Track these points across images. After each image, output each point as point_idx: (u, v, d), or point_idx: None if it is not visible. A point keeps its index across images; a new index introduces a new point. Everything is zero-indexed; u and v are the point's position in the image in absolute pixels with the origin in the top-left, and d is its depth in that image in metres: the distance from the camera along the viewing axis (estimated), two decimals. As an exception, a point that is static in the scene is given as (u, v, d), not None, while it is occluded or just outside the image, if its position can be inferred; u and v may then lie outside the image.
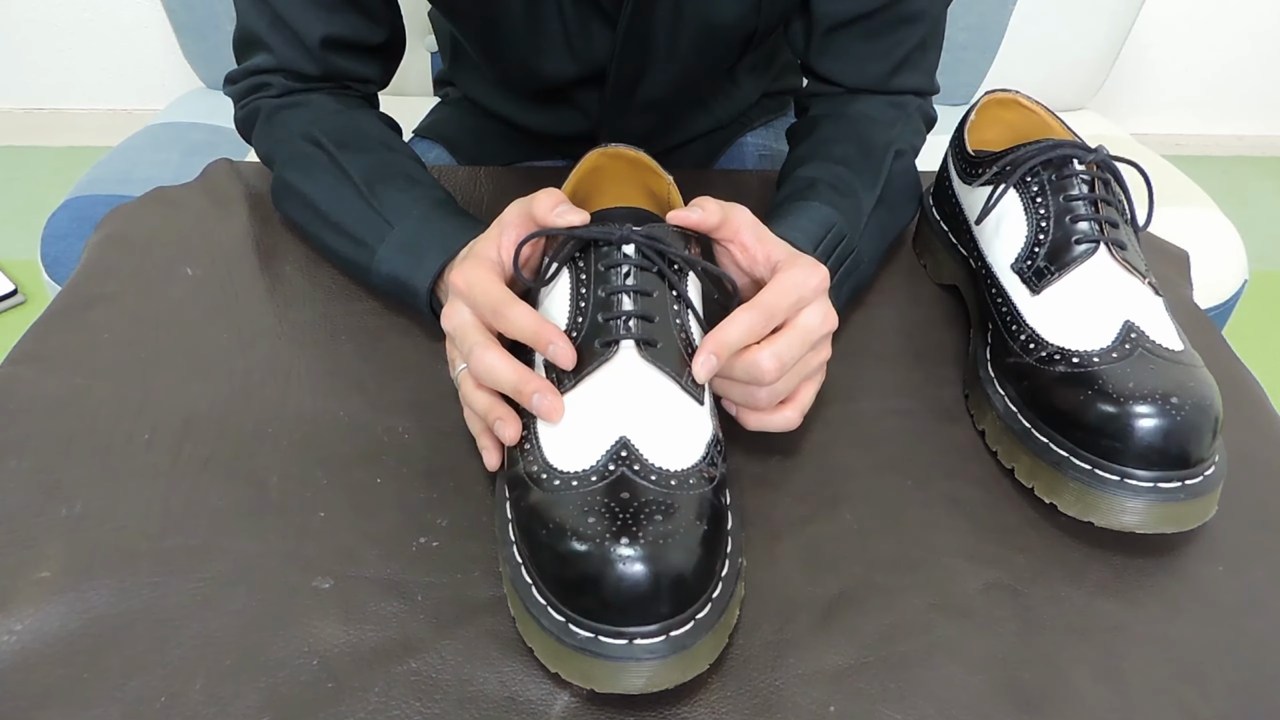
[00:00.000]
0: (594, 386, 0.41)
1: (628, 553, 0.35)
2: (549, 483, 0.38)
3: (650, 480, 0.37)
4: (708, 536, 0.37)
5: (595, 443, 0.39)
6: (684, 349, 0.42)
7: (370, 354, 0.53)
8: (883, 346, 0.57)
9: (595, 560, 0.35)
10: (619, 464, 0.38)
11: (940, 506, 0.46)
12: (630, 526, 0.35)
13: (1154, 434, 0.42)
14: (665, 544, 0.35)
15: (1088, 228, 0.49)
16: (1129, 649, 0.40)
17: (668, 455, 0.38)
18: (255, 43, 0.62)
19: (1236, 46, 2.00)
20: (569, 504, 0.37)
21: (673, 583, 0.35)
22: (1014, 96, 0.60)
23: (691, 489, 0.38)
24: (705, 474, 0.39)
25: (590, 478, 0.37)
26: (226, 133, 1.19)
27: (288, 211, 0.61)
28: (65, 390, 0.50)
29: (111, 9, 1.80)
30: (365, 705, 0.36)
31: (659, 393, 0.40)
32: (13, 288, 1.55)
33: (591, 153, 0.50)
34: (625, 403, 0.40)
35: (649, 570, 0.34)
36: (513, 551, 0.39)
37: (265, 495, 0.44)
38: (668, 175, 0.49)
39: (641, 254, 0.43)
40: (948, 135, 0.65)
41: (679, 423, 0.40)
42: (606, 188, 0.53)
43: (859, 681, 0.38)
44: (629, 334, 0.41)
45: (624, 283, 0.42)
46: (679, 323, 0.43)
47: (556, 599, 0.36)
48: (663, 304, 0.42)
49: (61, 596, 0.39)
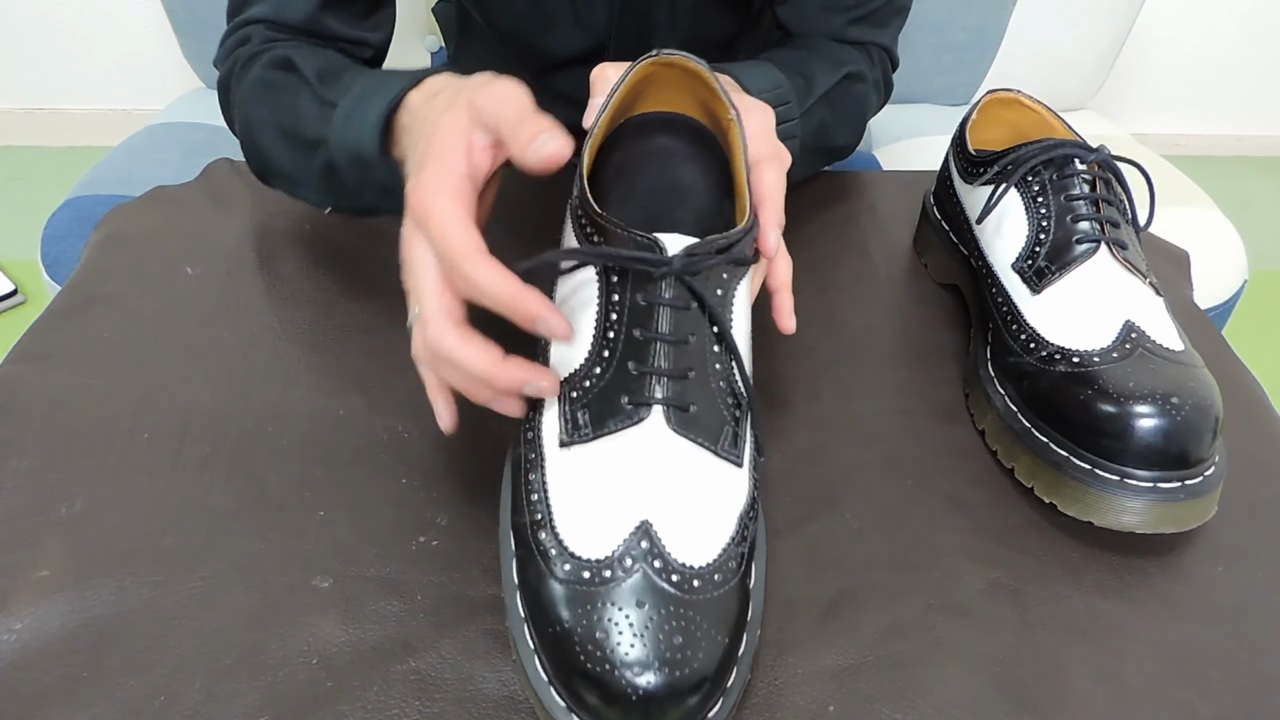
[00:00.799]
0: (616, 450, 0.36)
1: (641, 667, 0.32)
2: (559, 566, 0.34)
3: (671, 582, 0.33)
4: (728, 644, 0.34)
5: (614, 524, 0.35)
6: (723, 402, 0.37)
7: (370, 354, 0.53)
8: (883, 346, 0.56)
9: (606, 674, 0.32)
10: (638, 559, 0.34)
11: (940, 506, 0.46)
12: (645, 646, 0.32)
13: (1154, 434, 0.42)
14: (681, 667, 0.32)
15: (1089, 227, 0.49)
16: (1129, 649, 0.40)
17: (693, 545, 0.35)
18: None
19: (1236, 46, 2.00)
20: (579, 605, 0.33)
21: (689, 690, 0.32)
22: (1015, 96, 0.60)
23: (716, 587, 0.34)
24: (734, 559, 0.35)
25: (603, 572, 0.34)
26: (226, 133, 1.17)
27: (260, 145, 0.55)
28: (65, 389, 0.50)
29: (111, 9, 1.80)
30: (364, 704, 0.36)
31: (689, 467, 0.36)
32: (13, 288, 1.55)
33: (643, 60, 0.42)
34: (650, 479, 0.35)
35: (662, 685, 0.32)
36: (525, 633, 0.36)
37: (265, 494, 0.44)
38: (734, 109, 0.41)
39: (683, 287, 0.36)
40: (948, 135, 0.65)
41: (710, 499, 0.36)
42: (654, 95, 0.45)
43: (858, 681, 0.38)
44: (661, 398, 0.36)
45: (663, 329, 0.36)
46: (718, 367, 0.37)
47: (563, 687, 0.34)
48: (700, 351, 0.37)
49: (61, 595, 0.39)
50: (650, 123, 0.41)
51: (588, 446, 0.36)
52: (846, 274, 0.63)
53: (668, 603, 0.33)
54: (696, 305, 0.37)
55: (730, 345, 0.37)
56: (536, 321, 0.34)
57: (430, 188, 0.35)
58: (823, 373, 0.54)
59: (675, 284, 0.36)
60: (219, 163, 0.71)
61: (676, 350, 0.36)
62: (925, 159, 1.10)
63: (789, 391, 0.52)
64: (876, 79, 0.68)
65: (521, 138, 0.35)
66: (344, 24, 0.59)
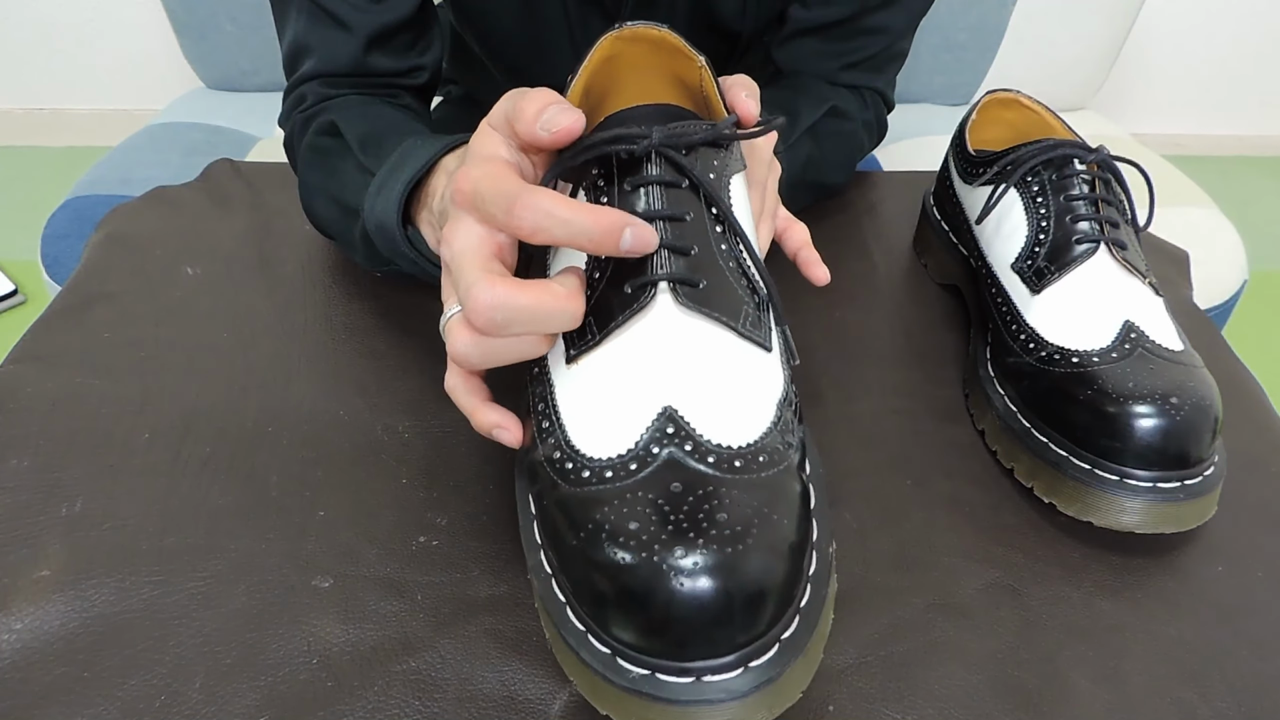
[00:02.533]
0: (625, 345, 0.32)
1: (687, 564, 0.26)
2: (575, 474, 0.30)
3: (709, 463, 0.29)
4: (792, 531, 0.29)
5: (632, 418, 0.30)
6: (736, 282, 0.33)
7: (370, 354, 0.53)
8: (883, 346, 0.57)
9: (644, 577, 0.27)
10: (665, 444, 0.29)
11: (940, 506, 0.46)
12: (687, 530, 0.27)
13: (1153, 434, 0.42)
14: (735, 551, 0.27)
15: (1088, 227, 0.49)
16: (1129, 649, 0.40)
17: (729, 426, 0.30)
18: (299, 51, 0.59)
19: (1236, 46, 2.00)
20: (604, 503, 0.29)
21: (749, 600, 0.27)
22: (1015, 96, 0.60)
23: (765, 468, 0.29)
24: (782, 442, 0.31)
25: (629, 465, 0.29)
26: (226, 133, 1.19)
27: (316, 214, 0.56)
28: (65, 389, 0.50)
29: (111, 9, 1.80)
30: (364, 704, 0.36)
31: (709, 346, 0.32)
32: (13, 288, 1.55)
33: (605, 38, 0.40)
34: (666, 364, 0.31)
35: (717, 587, 0.26)
36: (540, 559, 0.31)
37: (265, 494, 0.44)
38: (700, 56, 0.39)
39: (669, 165, 0.34)
40: (948, 135, 0.65)
41: (741, 380, 0.32)
42: (627, 80, 0.42)
43: (858, 681, 0.38)
44: (664, 274, 0.32)
45: (655, 206, 0.33)
46: (724, 248, 0.34)
47: (598, 625, 0.28)
48: (700, 229, 0.34)
49: (61, 595, 0.39)
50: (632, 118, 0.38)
51: (595, 353, 0.33)
52: (846, 274, 0.63)
53: (707, 483, 0.28)
54: (688, 185, 0.34)
55: (733, 225, 0.34)
56: (625, 230, 0.31)
57: (474, 162, 0.34)
58: (823, 373, 0.54)
59: (661, 162, 0.34)
60: (219, 163, 0.71)
61: (674, 226, 0.33)
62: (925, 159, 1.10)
63: (789, 391, 0.52)
64: (868, 120, 0.68)
65: (527, 114, 0.34)
66: (393, 58, 0.59)
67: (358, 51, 0.57)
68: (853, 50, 0.65)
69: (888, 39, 0.65)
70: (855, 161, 0.68)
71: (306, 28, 0.58)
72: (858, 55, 0.65)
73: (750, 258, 0.35)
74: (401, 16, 0.58)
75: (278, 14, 0.60)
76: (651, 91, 0.42)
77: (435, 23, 0.62)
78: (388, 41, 0.58)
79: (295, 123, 0.59)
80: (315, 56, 0.58)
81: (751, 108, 0.38)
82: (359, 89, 0.59)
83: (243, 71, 1.29)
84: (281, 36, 0.60)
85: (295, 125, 0.59)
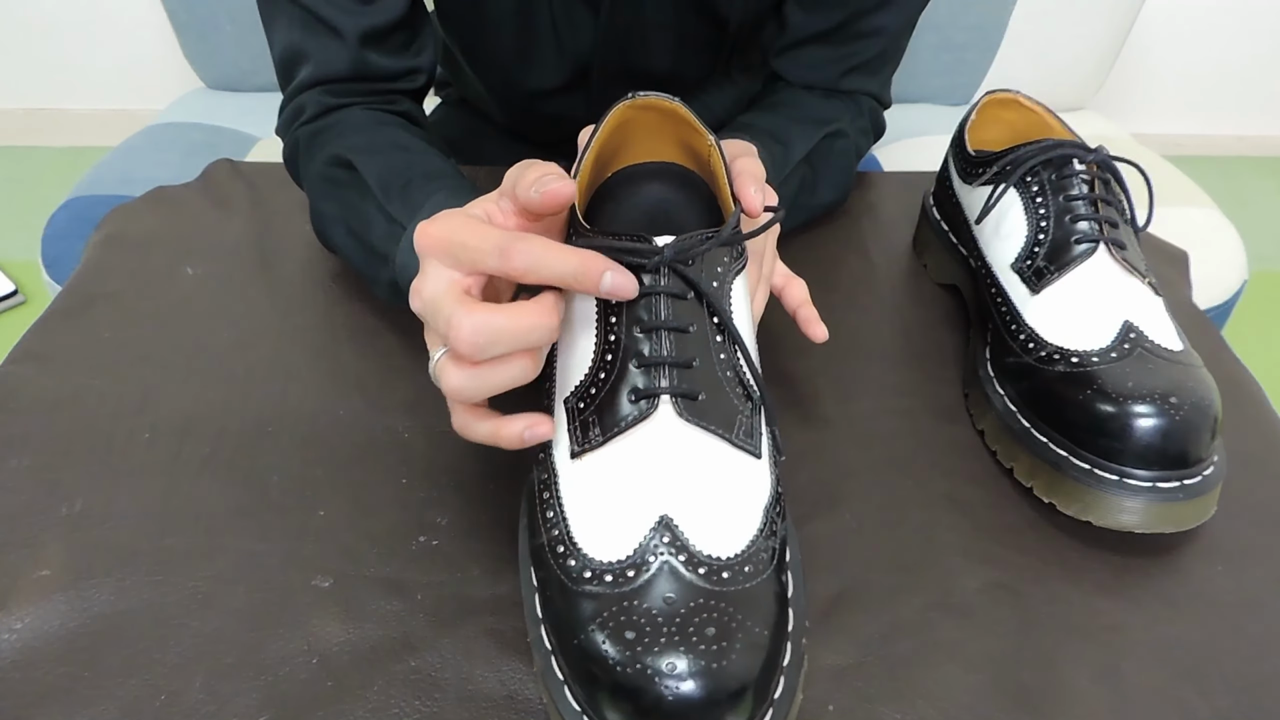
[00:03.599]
0: (627, 450, 0.35)
1: (676, 673, 0.30)
2: (578, 573, 0.33)
3: (700, 574, 0.32)
4: (769, 639, 0.32)
5: (632, 524, 0.33)
6: (732, 392, 0.36)
7: (370, 354, 0.53)
8: (883, 346, 0.57)
9: (637, 679, 0.30)
10: (661, 553, 0.32)
11: (940, 506, 0.46)
12: (678, 641, 0.30)
13: (1153, 434, 0.42)
14: (720, 661, 0.30)
15: (1088, 227, 0.49)
16: (1128, 649, 0.40)
17: (719, 537, 0.33)
18: (293, 59, 0.59)
19: (1236, 46, 2.00)
20: (603, 610, 0.32)
21: (731, 696, 0.30)
22: (1014, 96, 0.60)
23: (749, 578, 0.33)
24: (765, 551, 0.34)
25: (626, 572, 0.32)
26: (226, 133, 1.19)
27: (332, 240, 0.56)
28: (65, 389, 0.50)
29: (111, 9, 1.80)
30: (364, 704, 0.36)
31: (705, 457, 0.35)
32: (13, 288, 1.55)
33: (618, 106, 0.42)
34: (665, 472, 0.34)
35: (702, 690, 0.29)
36: (541, 635, 0.34)
37: (265, 494, 0.44)
38: (711, 135, 0.41)
39: (677, 278, 0.36)
40: (948, 135, 0.65)
41: (732, 490, 0.35)
42: (637, 143, 0.45)
43: (858, 681, 0.38)
44: (666, 388, 0.35)
45: (660, 317, 0.35)
46: (723, 357, 0.36)
47: (592, 710, 0.31)
48: (702, 340, 0.36)
49: (61, 595, 0.39)
50: (638, 174, 0.41)
51: (599, 453, 0.35)
52: (846, 274, 0.63)
53: (697, 595, 0.31)
54: (693, 295, 0.36)
55: (733, 334, 0.37)
56: (605, 276, 0.34)
57: (438, 221, 0.35)
58: (822, 373, 0.54)
59: (670, 274, 0.36)
60: (219, 163, 0.71)
61: (678, 339, 0.36)
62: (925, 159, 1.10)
63: (789, 391, 0.52)
64: (864, 128, 0.68)
65: (525, 179, 0.36)
66: (389, 58, 0.59)
67: (353, 54, 0.57)
68: (851, 54, 0.65)
69: (885, 40, 0.65)
70: (850, 176, 0.68)
71: (300, 35, 0.57)
72: (857, 59, 0.65)
73: (746, 365, 0.37)
74: (392, 18, 0.57)
75: (266, 21, 0.59)
76: (660, 155, 0.44)
77: (428, 24, 0.62)
78: (382, 42, 0.58)
79: (299, 137, 0.59)
80: (311, 63, 0.58)
81: (758, 203, 0.39)
82: (359, 95, 0.59)
83: (243, 71, 1.29)
84: (272, 44, 0.60)
85: (300, 140, 0.58)
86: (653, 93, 0.42)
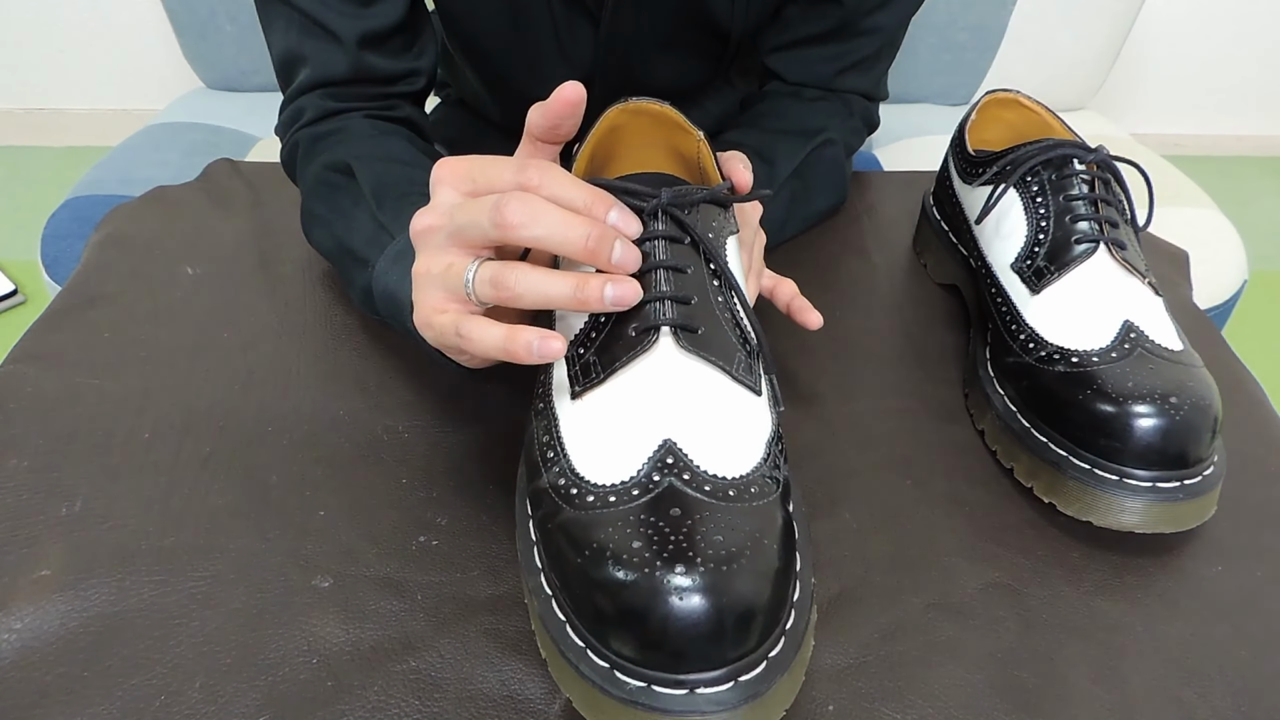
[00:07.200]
0: (628, 383, 0.35)
1: (684, 583, 0.29)
2: (581, 499, 0.32)
3: (705, 491, 0.31)
4: (778, 557, 0.31)
5: (634, 449, 0.33)
6: (731, 331, 0.36)
7: (370, 354, 0.53)
8: (883, 346, 0.57)
9: (644, 593, 0.29)
10: (665, 473, 0.32)
11: (940, 506, 0.46)
12: (685, 550, 0.29)
13: (1153, 434, 0.42)
14: (729, 570, 0.29)
15: (1088, 227, 0.49)
16: (1128, 649, 0.40)
17: (723, 459, 0.33)
18: (292, 62, 0.59)
19: (1236, 46, 2.00)
20: (608, 524, 0.31)
21: (740, 618, 0.29)
22: (1014, 96, 0.60)
23: (755, 498, 0.32)
24: (770, 478, 0.33)
25: (631, 491, 0.32)
26: (226, 133, 1.19)
27: (315, 240, 0.57)
28: (65, 389, 0.50)
29: (111, 9, 1.80)
30: (364, 704, 0.36)
31: (706, 386, 0.35)
32: (13, 288, 1.55)
33: (610, 110, 0.44)
34: (667, 401, 0.34)
35: (711, 604, 0.28)
36: (541, 581, 0.33)
37: (265, 494, 0.44)
38: (698, 131, 0.43)
39: (673, 223, 0.37)
40: (948, 135, 0.65)
41: (734, 419, 0.35)
42: (628, 149, 0.46)
43: (858, 681, 0.38)
44: (666, 319, 0.35)
45: (659, 258, 0.36)
46: (720, 300, 0.37)
47: (597, 640, 0.30)
48: (699, 282, 0.37)
49: (61, 595, 0.39)
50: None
51: (600, 389, 0.35)
52: (846, 274, 0.63)
53: (703, 509, 0.31)
54: (689, 241, 0.37)
55: (729, 279, 0.38)
56: (612, 209, 0.36)
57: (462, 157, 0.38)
58: (822, 373, 0.54)
59: (666, 219, 0.37)
60: (219, 163, 0.71)
61: (677, 277, 0.36)
62: (925, 159, 1.10)
63: (789, 391, 0.52)
64: (854, 127, 0.68)
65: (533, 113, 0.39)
66: (389, 61, 0.59)
67: (352, 57, 0.57)
68: (848, 53, 0.65)
69: (882, 39, 0.65)
70: (845, 180, 0.68)
71: (297, 39, 0.57)
72: (852, 58, 0.65)
73: (743, 310, 0.38)
74: (391, 21, 0.57)
75: (265, 23, 0.59)
76: (651, 162, 0.47)
77: (428, 25, 0.62)
78: (381, 45, 0.58)
79: (299, 140, 0.58)
80: (310, 66, 0.58)
81: (746, 177, 0.42)
82: (359, 98, 0.59)
83: (243, 71, 1.29)
84: (270, 46, 0.60)
85: (300, 143, 0.58)
86: (644, 98, 0.43)
